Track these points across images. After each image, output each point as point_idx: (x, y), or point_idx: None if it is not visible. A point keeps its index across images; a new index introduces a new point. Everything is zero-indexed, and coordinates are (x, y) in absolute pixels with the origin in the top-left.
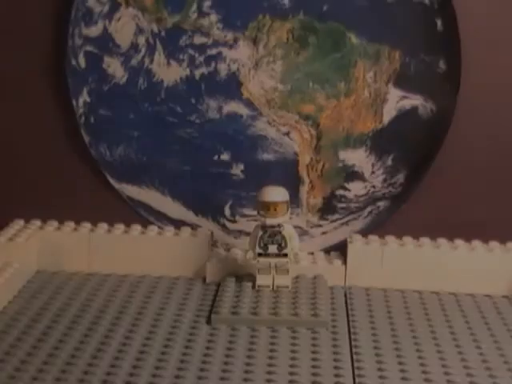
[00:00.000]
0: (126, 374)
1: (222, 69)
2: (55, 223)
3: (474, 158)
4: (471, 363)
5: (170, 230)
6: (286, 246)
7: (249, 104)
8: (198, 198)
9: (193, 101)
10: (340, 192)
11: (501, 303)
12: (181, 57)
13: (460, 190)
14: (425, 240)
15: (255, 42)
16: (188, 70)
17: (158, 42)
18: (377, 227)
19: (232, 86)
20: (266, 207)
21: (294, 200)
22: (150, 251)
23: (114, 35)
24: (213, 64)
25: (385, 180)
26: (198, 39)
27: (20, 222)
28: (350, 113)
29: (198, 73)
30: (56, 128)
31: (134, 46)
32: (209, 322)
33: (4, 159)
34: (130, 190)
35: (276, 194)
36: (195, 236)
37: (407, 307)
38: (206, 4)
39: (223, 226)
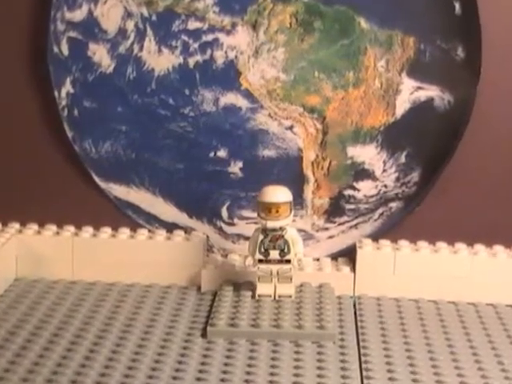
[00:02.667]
0: None
1: (219, 57)
2: (35, 226)
3: (496, 155)
4: (492, 380)
5: (161, 234)
6: (288, 251)
7: (248, 95)
8: (192, 199)
9: (186, 92)
10: (348, 192)
11: None
12: (173, 43)
13: (480, 189)
14: (441, 245)
15: (255, 27)
16: (181, 57)
17: (148, 27)
18: (389, 231)
19: (229, 76)
20: (267, 209)
21: (298, 201)
22: (140, 257)
23: (99, 19)
24: (208, 51)
25: (397, 179)
26: (192, 24)
27: None
28: (359, 105)
29: (192, 61)
30: (36, 122)
31: (122, 32)
32: (204, 334)
33: None
34: (118, 190)
35: (278, 194)
36: (189, 240)
37: (422, 318)
38: None
39: (220, 230)
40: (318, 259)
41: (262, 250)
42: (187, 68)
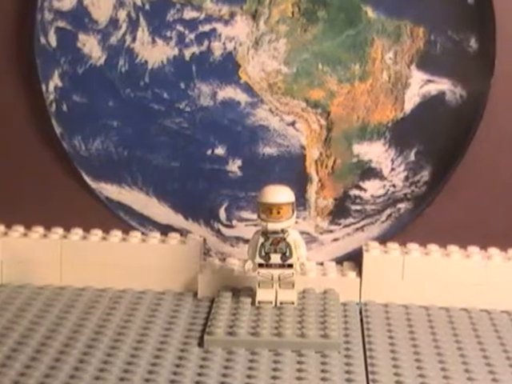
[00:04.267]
0: None
1: (217, 48)
2: (21, 229)
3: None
4: None
5: (155, 237)
6: (290, 255)
7: (247, 89)
8: (188, 199)
9: (182, 86)
10: (354, 192)
11: None
12: (168, 34)
13: (494, 189)
14: (453, 248)
15: (255, 16)
16: (176, 49)
17: (141, 17)
18: (397, 233)
19: (228, 69)
20: (268, 210)
21: (301, 201)
22: (132, 261)
23: (90, 9)
24: (205, 42)
25: (406, 178)
26: (188, 13)
27: None
28: (365, 99)
29: (188, 53)
30: (22, 117)
31: (114, 22)
32: (201, 344)
33: None
34: (109, 190)
35: (279, 194)
36: (185, 243)
37: (432, 327)
38: None
39: (218, 232)
40: (321, 263)
41: (263, 253)
42: (183, 60)
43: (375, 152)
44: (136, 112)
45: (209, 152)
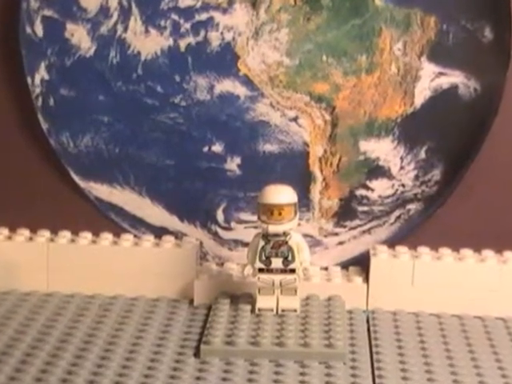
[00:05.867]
0: None
1: (214, 38)
2: (5, 231)
3: None
4: None
5: (148, 240)
6: (293, 259)
7: (247, 82)
8: (183, 200)
9: (177, 78)
10: (361, 192)
11: None
12: (162, 23)
13: (510, 189)
14: (466, 252)
15: (255, 4)
16: (171, 39)
17: (133, 5)
18: (407, 236)
19: (226, 60)
20: (269, 211)
21: (304, 202)
22: (124, 266)
23: None
24: (202, 32)
25: (417, 177)
26: (184, 1)
27: None
28: (373, 93)
29: (183, 43)
30: (6, 113)
31: (104, 10)
32: (197, 354)
33: None
34: (99, 190)
35: (281, 194)
36: (180, 247)
37: (444, 336)
38: None
39: (215, 235)
40: (326, 268)
41: (263, 257)
42: (178, 51)
43: (383, 149)
44: (128, 107)
45: (206, 149)
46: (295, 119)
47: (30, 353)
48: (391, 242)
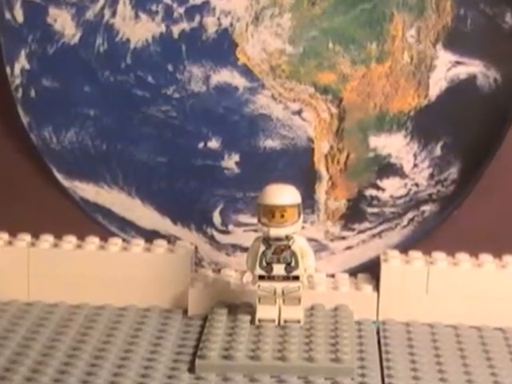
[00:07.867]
0: None
1: (210, 24)
2: None
3: None
4: None
5: (138, 244)
6: (296, 265)
7: (246, 72)
8: (176, 201)
9: (170, 68)
10: (370, 192)
11: None
12: (153, 8)
13: None
14: (485, 257)
15: None
16: (163, 25)
17: None
18: (421, 240)
19: (223, 48)
20: (270, 213)
21: (308, 203)
22: (112, 273)
23: None
24: (197, 17)
25: (431, 176)
26: None
27: None
28: (383, 84)
29: (176, 30)
30: None
31: None
32: (192, 369)
33: None
34: (85, 190)
35: (283, 195)
36: (173, 252)
37: (462, 349)
38: None
39: (211, 239)
40: (332, 275)
41: (264, 263)
42: (171, 38)
43: (395, 145)
44: (116, 99)
45: (201, 145)
46: (299, 112)
47: (9, 367)
48: (404, 247)
